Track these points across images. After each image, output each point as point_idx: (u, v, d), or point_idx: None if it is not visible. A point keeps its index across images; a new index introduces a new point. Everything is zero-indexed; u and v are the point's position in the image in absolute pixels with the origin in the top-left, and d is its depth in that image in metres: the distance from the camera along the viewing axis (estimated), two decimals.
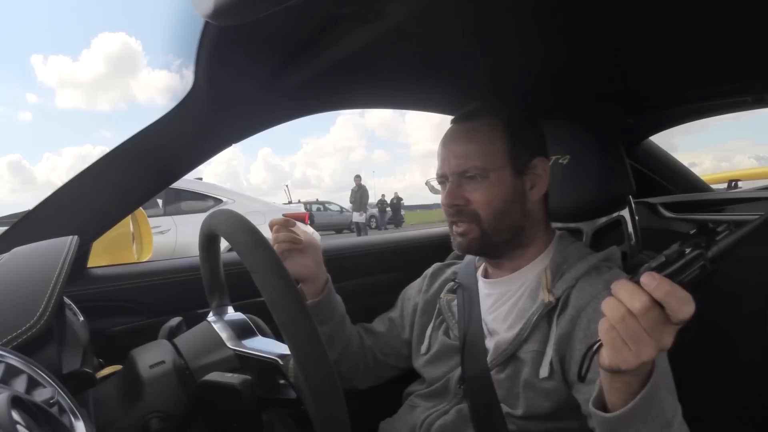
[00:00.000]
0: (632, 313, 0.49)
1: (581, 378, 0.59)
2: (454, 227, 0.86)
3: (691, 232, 0.51)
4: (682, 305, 0.48)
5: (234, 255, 0.58)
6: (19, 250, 0.66)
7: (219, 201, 5.01)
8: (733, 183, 3.36)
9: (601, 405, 0.59)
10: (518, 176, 0.83)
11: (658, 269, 0.50)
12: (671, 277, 0.49)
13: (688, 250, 0.50)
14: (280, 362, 0.67)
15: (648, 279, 0.48)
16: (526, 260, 0.87)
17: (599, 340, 0.54)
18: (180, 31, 0.80)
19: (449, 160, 0.84)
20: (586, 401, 0.70)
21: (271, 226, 0.91)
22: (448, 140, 0.87)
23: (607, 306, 0.52)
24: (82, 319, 0.73)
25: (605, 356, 0.53)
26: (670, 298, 0.47)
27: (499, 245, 0.85)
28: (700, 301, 1.21)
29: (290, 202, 13.03)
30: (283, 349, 0.69)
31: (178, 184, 4.44)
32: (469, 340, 0.86)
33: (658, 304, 0.48)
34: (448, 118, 0.92)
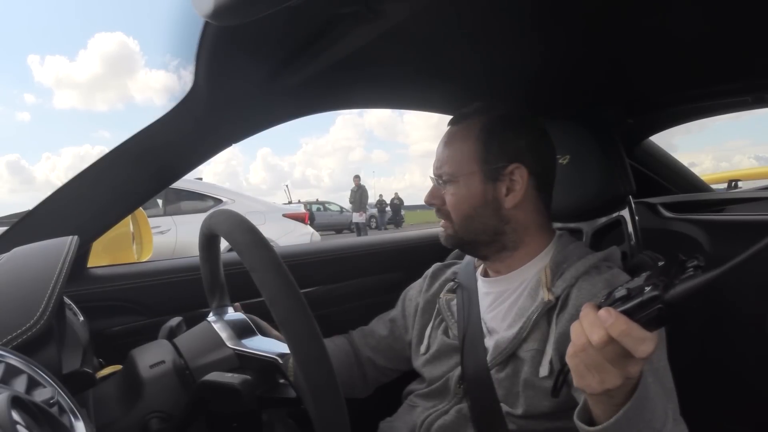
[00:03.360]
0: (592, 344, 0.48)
1: (555, 394, 0.59)
2: (441, 221, 0.91)
3: (660, 263, 0.49)
4: (639, 345, 0.46)
5: (234, 255, 0.58)
6: (19, 250, 0.66)
7: (219, 201, 5.02)
8: (733, 183, 3.36)
9: (587, 416, 0.58)
10: (490, 182, 0.83)
11: (618, 303, 0.48)
12: (630, 313, 0.46)
13: (647, 288, 0.46)
14: (280, 361, 0.67)
15: (604, 315, 0.47)
16: (520, 261, 0.87)
17: None
18: (179, 31, 0.80)
19: (434, 161, 0.89)
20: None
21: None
22: (439, 142, 0.90)
23: (573, 331, 0.51)
24: (82, 319, 0.73)
25: (573, 379, 0.53)
26: (624, 338, 0.46)
27: (474, 245, 0.88)
28: (700, 300, 1.21)
29: (290, 202, 13.04)
30: (283, 348, 0.70)
31: (178, 184, 4.45)
32: (469, 339, 0.86)
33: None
34: (447, 118, 0.93)
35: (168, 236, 4.65)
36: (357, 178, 13.65)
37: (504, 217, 0.84)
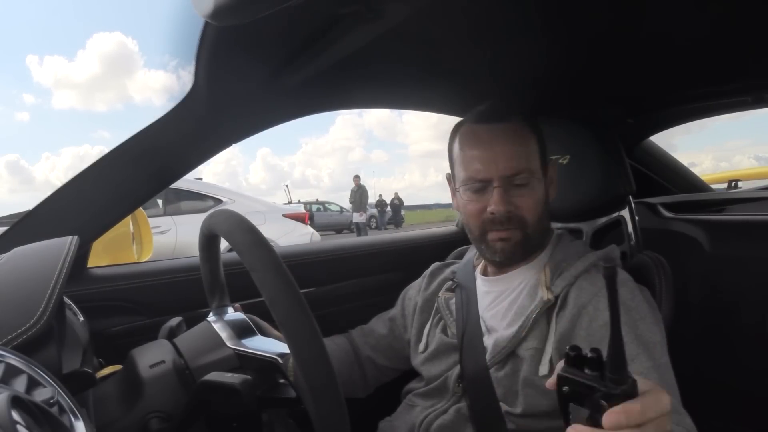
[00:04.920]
0: None
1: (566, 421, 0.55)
2: (493, 233, 0.82)
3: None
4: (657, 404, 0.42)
5: (234, 255, 0.58)
6: (19, 250, 0.66)
7: (219, 201, 5.02)
8: (733, 183, 3.36)
9: None
10: (545, 179, 0.85)
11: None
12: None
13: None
14: (280, 361, 0.67)
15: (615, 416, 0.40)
16: (529, 258, 0.87)
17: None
18: (179, 31, 0.80)
19: (496, 162, 0.79)
20: None
21: None
22: (490, 141, 0.80)
23: None
24: (82, 319, 0.73)
25: None
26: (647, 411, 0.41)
27: (535, 248, 0.87)
28: (701, 300, 1.21)
29: (290, 202, 13.04)
30: (283, 348, 0.70)
31: (178, 184, 4.44)
32: (467, 337, 0.86)
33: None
34: (446, 117, 0.92)
35: (168, 236, 4.65)
36: (357, 178, 13.63)
37: (547, 214, 0.87)
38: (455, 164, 0.86)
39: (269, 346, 0.71)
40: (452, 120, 0.94)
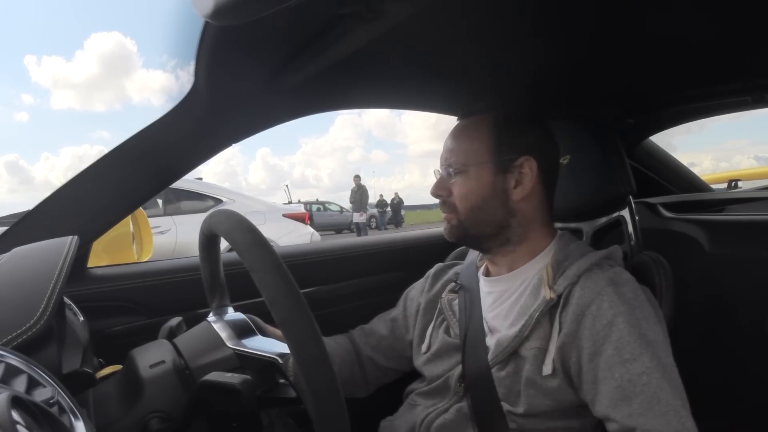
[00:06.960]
0: None
1: None
2: (443, 214, 0.91)
3: None
4: None
5: (234, 255, 0.58)
6: (19, 250, 0.66)
7: (219, 201, 5.02)
8: (733, 183, 3.36)
9: None
10: (500, 174, 0.84)
11: None
12: None
13: None
14: (280, 361, 0.67)
15: None
16: (522, 258, 0.87)
17: None
18: (178, 31, 0.80)
19: (442, 153, 0.90)
20: (592, 401, 0.71)
21: None
22: (448, 136, 0.91)
23: None
24: (82, 319, 0.73)
25: None
26: None
27: (479, 238, 0.88)
28: (701, 300, 1.21)
29: (290, 202, 13.04)
30: (283, 348, 0.70)
31: (178, 184, 4.44)
32: (470, 338, 0.86)
33: None
34: (445, 117, 0.93)
35: (168, 236, 4.64)
36: (357, 178, 13.62)
37: (511, 210, 0.85)
38: None
39: (269, 346, 0.71)
40: (451, 120, 0.94)
